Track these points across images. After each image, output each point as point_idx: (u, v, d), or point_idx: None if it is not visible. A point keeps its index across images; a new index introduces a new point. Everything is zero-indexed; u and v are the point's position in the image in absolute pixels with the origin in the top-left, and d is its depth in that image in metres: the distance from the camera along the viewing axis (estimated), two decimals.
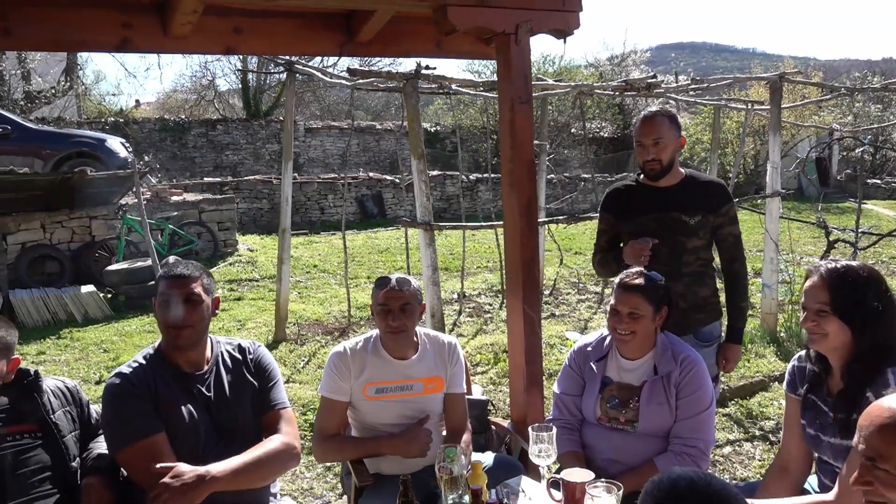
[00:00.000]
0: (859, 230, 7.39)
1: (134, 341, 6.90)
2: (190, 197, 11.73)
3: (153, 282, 8.15)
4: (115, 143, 11.41)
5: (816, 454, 2.23)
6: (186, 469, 2.10)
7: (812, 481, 2.34)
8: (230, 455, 2.29)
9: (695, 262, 3.14)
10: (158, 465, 2.09)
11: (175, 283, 2.32)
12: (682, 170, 3.21)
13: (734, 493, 1.24)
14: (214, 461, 2.22)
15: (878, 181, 20.18)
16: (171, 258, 8.47)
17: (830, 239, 6.76)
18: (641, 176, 3.22)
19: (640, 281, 2.55)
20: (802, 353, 2.30)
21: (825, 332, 2.06)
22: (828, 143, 17.25)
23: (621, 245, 3.26)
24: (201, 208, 11.13)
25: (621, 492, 1.88)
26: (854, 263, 2.09)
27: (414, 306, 2.67)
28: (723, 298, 3.30)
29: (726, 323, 3.29)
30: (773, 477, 2.32)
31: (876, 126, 17.41)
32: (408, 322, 2.65)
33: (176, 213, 10.69)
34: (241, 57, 22.31)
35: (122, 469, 2.29)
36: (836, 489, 1.98)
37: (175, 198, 11.41)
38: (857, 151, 18.83)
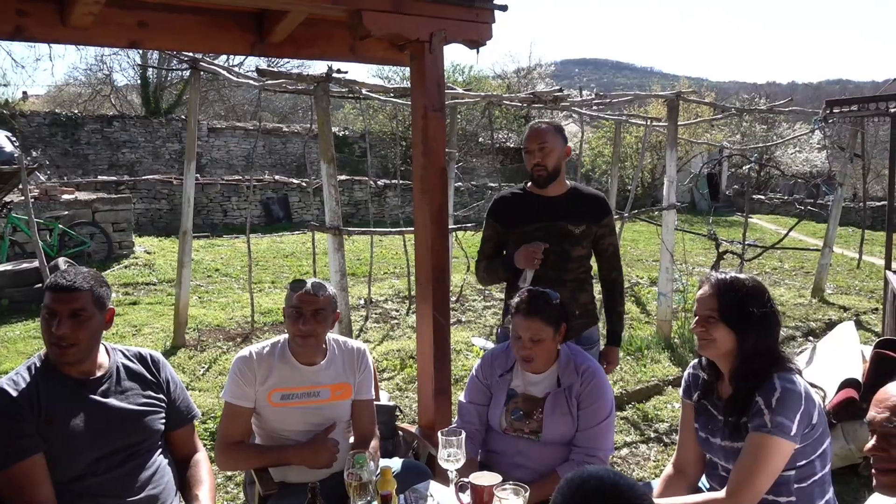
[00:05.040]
0: (746, 243, 7.88)
1: (18, 348, 6.47)
2: (82, 196, 11.14)
3: (40, 284, 7.77)
4: (0, 137, 10.70)
5: (708, 455, 2.36)
6: None
7: (706, 481, 2.46)
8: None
9: (578, 269, 3.27)
10: None
11: (61, 297, 2.14)
12: (568, 182, 3.33)
13: (642, 492, 1.29)
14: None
15: (762, 197, 21.53)
16: (62, 261, 8.03)
17: (720, 250, 7.16)
18: (529, 184, 3.33)
19: (537, 306, 2.59)
20: (696, 361, 2.44)
21: (713, 338, 2.20)
22: (718, 160, 18.30)
23: (504, 253, 3.33)
24: (95, 208, 10.61)
25: (528, 493, 1.92)
26: (742, 276, 2.25)
27: (327, 313, 2.63)
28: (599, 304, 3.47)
29: (606, 328, 3.45)
30: (670, 477, 2.43)
31: (761, 145, 18.63)
32: (318, 328, 2.61)
33: (67, 212, 10.14)
34: (141, 52, 21.38)
35: None
36: (727, 486, 2.11)
37: (66, 196, 10.81)
38: (744, 168, 20.02)
